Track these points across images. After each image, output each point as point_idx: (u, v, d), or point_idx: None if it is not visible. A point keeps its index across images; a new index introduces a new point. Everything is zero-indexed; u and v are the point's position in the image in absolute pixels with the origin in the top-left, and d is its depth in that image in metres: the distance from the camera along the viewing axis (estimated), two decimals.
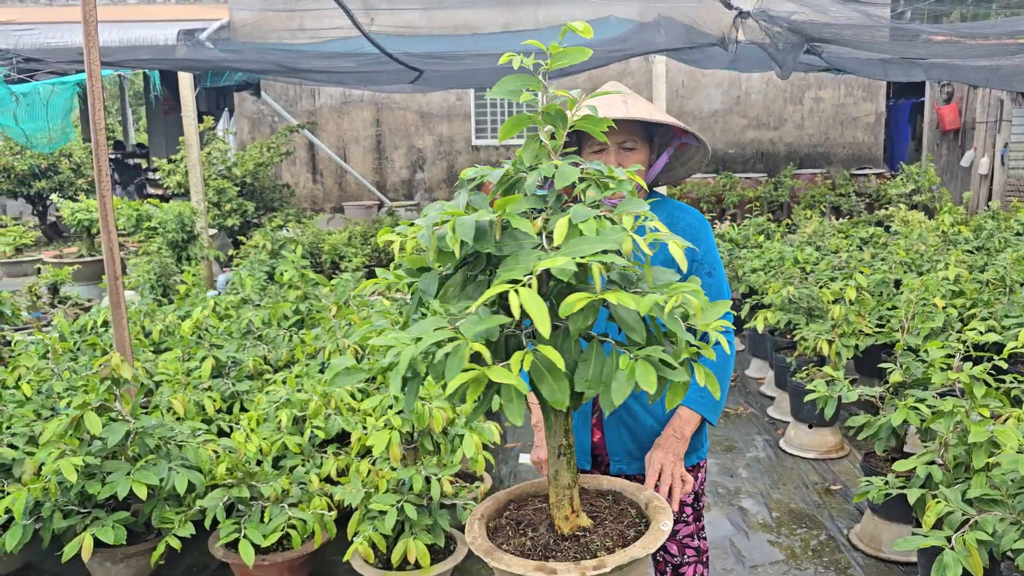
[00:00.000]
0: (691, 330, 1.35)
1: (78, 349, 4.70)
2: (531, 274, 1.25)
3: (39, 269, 8.67)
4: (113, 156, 18.40)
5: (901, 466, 2.87)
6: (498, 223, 1.37)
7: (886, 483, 2.91)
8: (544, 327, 1.20)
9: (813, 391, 3.65)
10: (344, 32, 5.69)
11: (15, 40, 6.57)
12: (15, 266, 10.20)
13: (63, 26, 10.32)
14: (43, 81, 7.50)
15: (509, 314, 1.30)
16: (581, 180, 1.47)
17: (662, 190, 8.00)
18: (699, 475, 2.28)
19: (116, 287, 4.02)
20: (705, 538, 2.35)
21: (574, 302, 1.24)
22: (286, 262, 5.63)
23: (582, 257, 1.26)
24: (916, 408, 3.10)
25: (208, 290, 7.55)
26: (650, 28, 5.84)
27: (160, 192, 13.15)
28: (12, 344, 4.65)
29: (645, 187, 2.21)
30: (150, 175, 15.53)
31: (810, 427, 4.46)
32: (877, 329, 4.68)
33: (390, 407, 3.08)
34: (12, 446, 3.41)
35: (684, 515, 2.26)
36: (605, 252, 1.27)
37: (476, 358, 1.30)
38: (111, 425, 3.10)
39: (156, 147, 17.78)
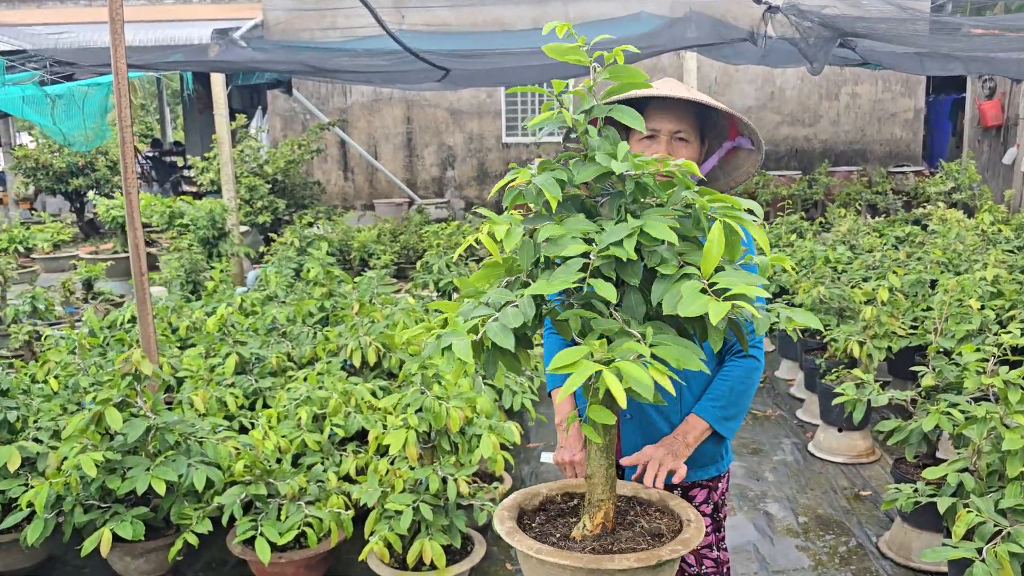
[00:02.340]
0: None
1: (107, 344, 4.75)
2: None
3: (75, 265, 8.81)
4: (150, 154, 18.70)
5: (931, 473, 2.77)
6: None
7: (915, 491, 2.82)
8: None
9: (842, 394, 3.56)
10: (374, 30, 5.68)
11: (54, 41, 6.67)
12: (53, 262, 10.38)
13: (98, 26, 10.47)
14: (79, 82, 7.62)
15: None
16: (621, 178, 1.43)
17: None
18: (720, 485, 2.21)
19: (142, 283, 4.05)
20: (726, 549, 2.29)
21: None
22: (312, 259, 5.65)
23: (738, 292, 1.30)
24: (948, 413, 3.00)
25: (238, 287, 7.62)
26: (680, 23, 5.75)
27: (195, 190, 13.32)
28: (43, 339, 4.71)
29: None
30: (185, 172, 15.72)
31: (840, 431, 4.36)
32: (911, 331, 4.55)
33: (408, 405, 3.05)
34: (37, 440, 3.45)
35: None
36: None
37: None
38: (131, 421, 3.12)
39: (192, 145, 18.01)
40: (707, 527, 2.22)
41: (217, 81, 8.54)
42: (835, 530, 3.63)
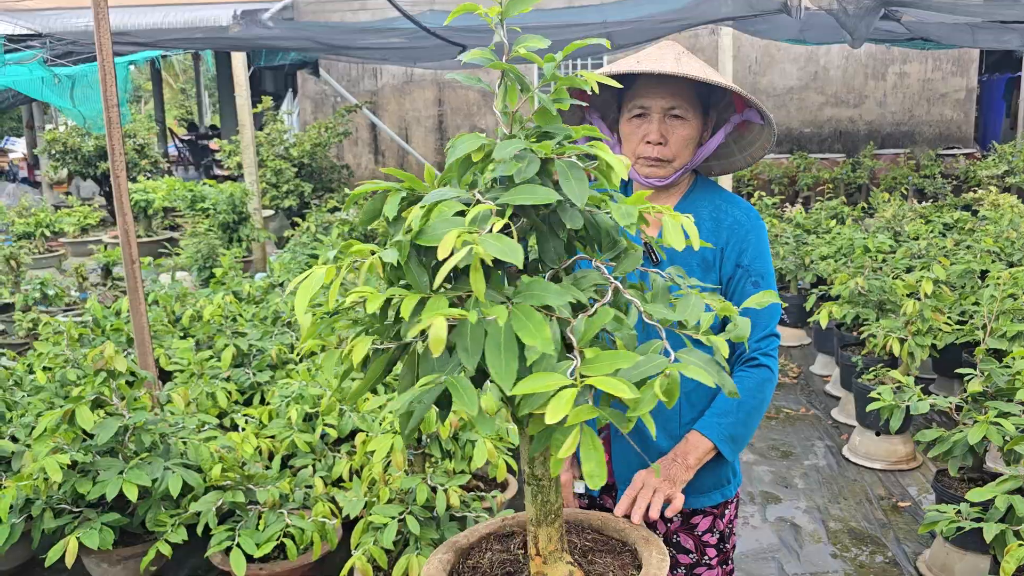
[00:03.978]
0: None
1: (104, 334, 4.59)
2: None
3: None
4: (187, 138, 18.74)
5: (977, 495, 2.45)
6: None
7: (958, 513, 2.50)
8: None
9: (878, 398, 3.23)
10: (410, 8, 5.43)
11: (59, 23, 6.54)
12: (80, 246, 10.36)
13: (113, 10, 10.36)
14: (93, 64, 7.48)
15: None
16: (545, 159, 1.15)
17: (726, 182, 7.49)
18: (727, 512, 1.93)
19: (133, 271, 3.87)
20: None
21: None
22: (322, 246, 5.43)
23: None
24: (998, 423, 2.67)
25: (259, 272, 7.47)
26: None
27: (226, 173, 13.25)
28: (39, 327, 4.57)
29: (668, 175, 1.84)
30: (217, 156, 15.69)
31: (877, 434, 4.02)
32: (957, 326, 4.18)
33: (392, 411, 2.81)
34: (14, 438, 3.29)
35: (706, 558, 1.91)
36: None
37: None
38: (104, 421, 2.92)
39: (227, 128, 17.95)
40: (712, 560, 1.94)
41: (238, 62, 8.36)
42: (869, 546, 3.31)
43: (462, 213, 1.09)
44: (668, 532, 1.92)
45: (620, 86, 1.67)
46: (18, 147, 21.78)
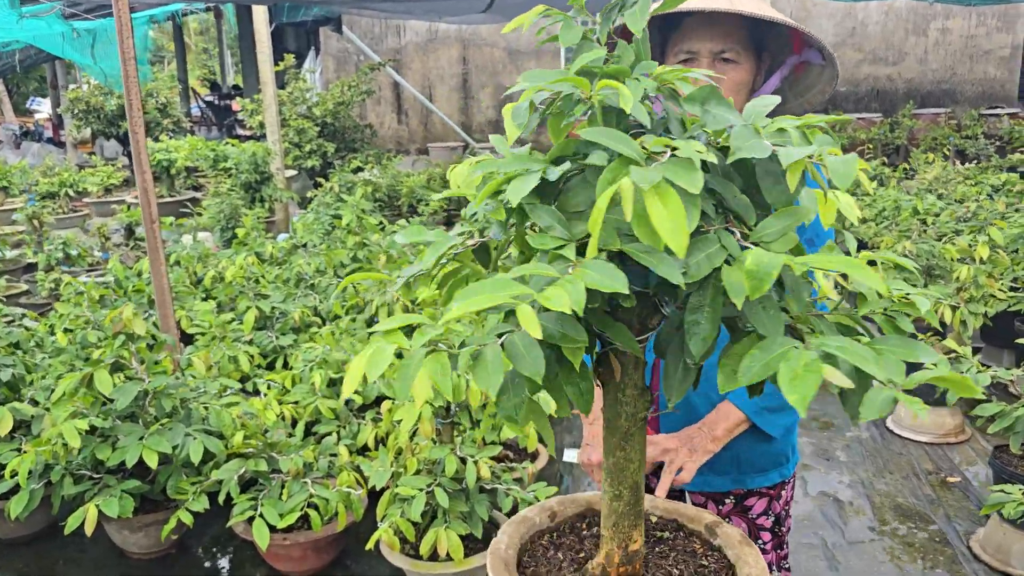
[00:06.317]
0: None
1: (126, 295, 4.50)
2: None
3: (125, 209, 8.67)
4: (209, 98, 18.61)
5: None
6: None
7: None
8: None
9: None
10: None
11: None
12: (104, 206, 10.31)
13: None
14: (111, 18, 7.33)
15: None
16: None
17: None
18: (784, 494, 1.78)
19: (152, 231, 3.76)
20: (788, 568, 1.86)
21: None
22: (345, 206, 5.29)
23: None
24: None
25: (282, 233, 7.35)
26: None
27: (249, 133, 13.12)
28: (61, 287, 4.48)
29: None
30: (239, 116, 15.55)
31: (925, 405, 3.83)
32: (1011, 294, 3.97)
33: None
34: (34, 401, 3.21)
35: (760, 542, 1.77)
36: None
37: None
38: (123, 385, 2.82)
39: (250, 88, 17.80)
40: (767, 544, 1.80)
41: (259, 17, 8.17)
42: (917, 523, 3.16)
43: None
44: (719, 515, 1.78)
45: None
46: (44, 108, 21.80)
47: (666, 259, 0.80)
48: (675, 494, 1.87)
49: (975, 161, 10.03)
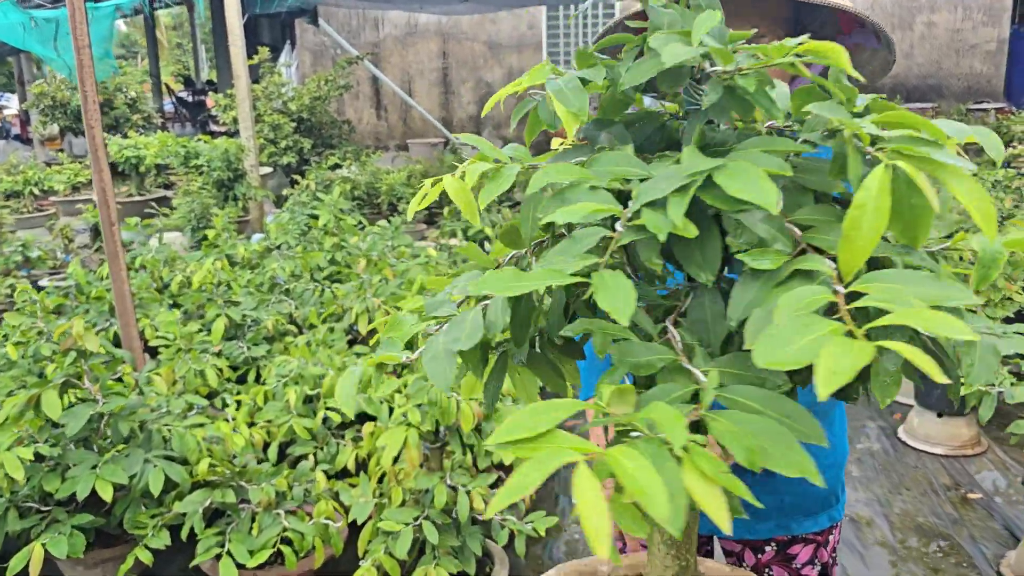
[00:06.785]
0: None
1: (88, 301, 4.19)
2: None
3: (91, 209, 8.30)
4: (181, 94, 18.17)
5: None
6: None
7: None
8: None
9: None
10: None
11: None
12: (71, 205, 9.91)
13: None
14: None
15: None
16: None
17: None
18: (831, 538, 1.55)
19: (111, 233, 3.46)
20: None
21: None
22: (322, 206, 5.01)
23: None
24: None
25: (256, 234, 7.04)
26: None
27: (223, 129, 12.75)
28: (15, 293, 4.16)
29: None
30: (212, 112, 15.16)
31: (939, 415, 3.63)
32: None
33: (407, 395, 2.42)
34: None
35: None
36: None
37: None
38: (74, 408, 2.53)
39: (223, 83, 17.39)
40: None
41: (231, 8, 7.83)
42: (941, 545, 2.94)
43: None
44: (758, 565, 1.54)
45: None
46: (12, 104, 21.25)
47: None
48: (702, 540, 1.63)
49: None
